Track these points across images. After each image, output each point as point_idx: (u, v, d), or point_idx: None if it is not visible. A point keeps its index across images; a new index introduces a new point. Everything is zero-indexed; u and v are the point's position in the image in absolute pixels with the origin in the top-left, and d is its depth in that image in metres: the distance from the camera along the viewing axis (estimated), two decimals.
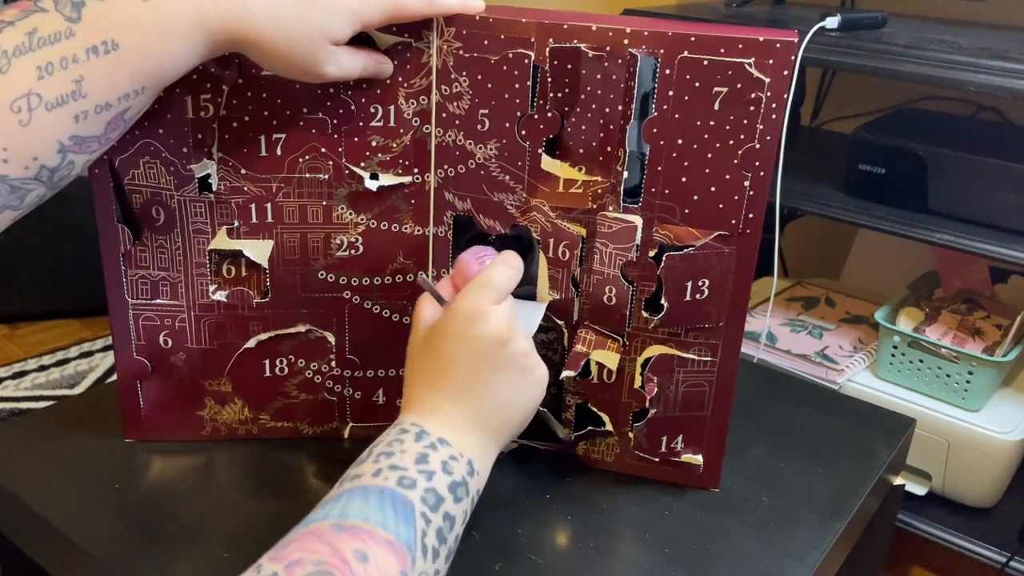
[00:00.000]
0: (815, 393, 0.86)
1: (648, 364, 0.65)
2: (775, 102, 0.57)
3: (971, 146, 1.06)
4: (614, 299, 0.64)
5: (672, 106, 0.59)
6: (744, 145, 0.59)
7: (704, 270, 0.62)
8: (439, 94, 0.63)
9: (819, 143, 1.42)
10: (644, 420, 0.67)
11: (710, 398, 0.66)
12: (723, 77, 0.57)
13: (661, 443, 0.68)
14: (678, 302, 0.63)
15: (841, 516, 0.67)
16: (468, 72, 0.61)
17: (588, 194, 0.62)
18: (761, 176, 0.59)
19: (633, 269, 0.63)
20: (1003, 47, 1.03)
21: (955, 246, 1.02)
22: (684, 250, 0.61)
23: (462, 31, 0.60)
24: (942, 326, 1.15)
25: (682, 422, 0.67)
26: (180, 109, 0.61)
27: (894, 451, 0.77)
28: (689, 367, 0.65)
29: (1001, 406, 1.12)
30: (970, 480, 1.11)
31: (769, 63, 0.56)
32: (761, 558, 0.63)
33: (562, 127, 0.61)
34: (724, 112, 0.58)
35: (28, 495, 0.66)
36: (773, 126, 0.58)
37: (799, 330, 1.28)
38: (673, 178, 0.60)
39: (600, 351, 0.66)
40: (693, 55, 0.57)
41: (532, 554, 0.62)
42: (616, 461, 0.70)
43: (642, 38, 0.58)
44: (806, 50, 1.05)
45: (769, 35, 0.56)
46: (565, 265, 0.64)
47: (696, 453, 0.68)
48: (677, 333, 0.64)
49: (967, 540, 1.10)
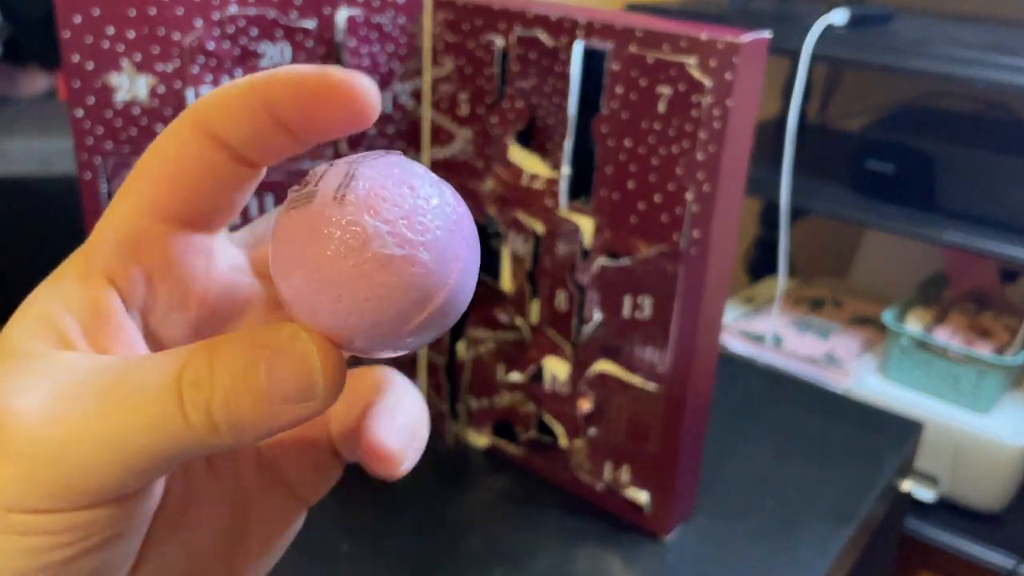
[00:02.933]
0: (821, 396, 0.85)
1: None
2: (717, 109, 0.51)
3: (980, 144, 1.05)
4: (564, 304, 0.61)
5: (620, 104, 0.54)
6: (687, 155, 0.53)
7: (644, 287, 0.57)
8: (431, 76, 0.63)
9: (826, 141, 1.41)
10: (584, 436, 0.63)
11: (656, 431, 0.60)
12: (666, 77, 0.52)
13: (604, 469, 0.63)
14: (614, 317, 0.59)
15: (848, 522, 0.66)
16: (452, 56, 0.62)
17: (548, 191, 0.60)
18: (705, 192, 0.53)
19: (583, 275, 0.59)
20: (1012, 43, 1.02)
21: (964, 246, 1.01)
22: (619, 260, 0.57)
23: (449, 16, 0.61)
24: (951, 327, 1.14)
25: (627, 452, 0.62)
26: (180, 104, 0.60)
27: (902, 456, 0.76)
28: (632, 393, 0.60)
29: (1010, 409, 1.10)
30: (978, 485, 1.10)
31: (711, 64, 0.50)
32: (766, 565, 0.61)
33: (533, 120, 0.59)
34: (668, 116, 0.53)
35: None
36: (717, 136, 0.51)
37: (805, 331, 1.27)
38: (621, 182, 0.56)
39: (551, 357, 0.63)
40: (639, 51, 0.53)
41: (533, 559, 0.61)
42: (570, 479, 0.65)
43: (593, 30, 0.54)
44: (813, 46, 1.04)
45: (717, 33, 0.50)
46: (520, 261, 0.62)
47: (641, 489, 0.62)
48: (620, 352, 0.59)
49: (975, 545, 1.09)
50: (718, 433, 0.76)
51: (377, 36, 0.61)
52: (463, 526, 0.63)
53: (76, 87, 0.59)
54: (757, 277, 1.51)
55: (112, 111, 0.60)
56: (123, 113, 0.60)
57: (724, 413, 0.79)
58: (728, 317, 1.29)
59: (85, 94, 0.59)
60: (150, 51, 0.59)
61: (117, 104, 0.60)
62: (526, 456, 0.68)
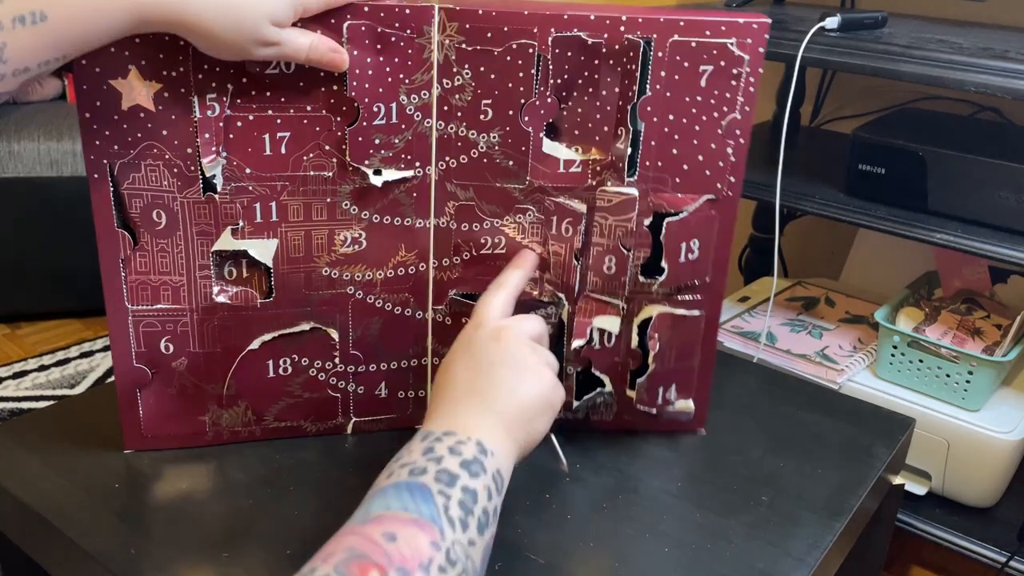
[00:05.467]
0: (815, 393, 0.87)
1: (647, 324, 0.71)
2: (752, 76, 0.65)
3: (971, 146, 1.06)
4: (614, 267, 0.69)
5: (664, 85, 0.65)
6: (727, 116, 0.66)
7: (695, 232, 0.68)
8: (440, 88, 0.65)
9: (819, 143, 1.42)
10: (645, 375, 0.72)
11: (698, 348, 0.72)
12: (708, 56, 0.64)
13: (658, 395, 0.73)
14: (675, 263, 0.69)
15: (841, 516, 0.68)
16: (471, 65, 0.64)
17: (587, 172, 0.67)
18: (741, 143, 0.67)
19: (631, 238, 0.68)
20: (1003, 47, 1.03)
21: (955, 246, 1.02)
22: (678, 216, 0.67)
23: (465, 25, 0.63)
24: (942, 326, 1.15)
25: (675, 373, 0.73)
26: (185, 110, 0.61)
27: (894, 451, 0.77)
28: (680, 324, 0.71)
29: (1001, 406, 1.12)
30: (970, 480, 1.11)
31: (748, 42, 0.64)
32: (761, 558, 0.63)
33: (560, 111, 0.66)
34: (710, 87, 0.65)
35: (28, 495, 0.66)
36: (750, 98, 0.65)
37: (799, 330, 1.28)
38: (665, 151, 0.66)
39: (601, 317, 0.71)
40: (683, 38, 0.63)
41: (532, 554, 0.62)
42: (615, 419, 0.75)
43: (636, 24, 0.63)
44: (806, 50, 1.06)
45: (746, 17, 0.64)
46: (568, 241, 0.69)
47: (687, 399, 0.74)
48: (671, 293, 0.70)
49: (967, 540, 1.10)
50: (714, 428, 0.78)
51: (382, 47, 0.62)
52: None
53: (84, 90, 0.60)
54: (752, 277, 1.52)
55: (118, 114, 0.61)
56: (129, 117, 0.61)
57: (720, 410, 0.80)
58: (723, 317, 1.30)
59: (93, 98, 0.60)
60: (156, 57, 0.60)
61: (123, 108, 0.61)
62: (570, 416, 0.75)
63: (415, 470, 0.50)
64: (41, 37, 0.50)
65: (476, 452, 0.52)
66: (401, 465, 0.51)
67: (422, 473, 0.49)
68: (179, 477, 0.68)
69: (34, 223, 1.79)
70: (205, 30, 0.55)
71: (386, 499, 0.48)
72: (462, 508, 0.48)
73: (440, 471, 0.50)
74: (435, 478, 0.49)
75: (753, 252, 1.54)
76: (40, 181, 1.76)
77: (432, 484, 0.49)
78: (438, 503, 0.48)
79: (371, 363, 0.72)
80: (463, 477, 0.50)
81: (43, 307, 1.91)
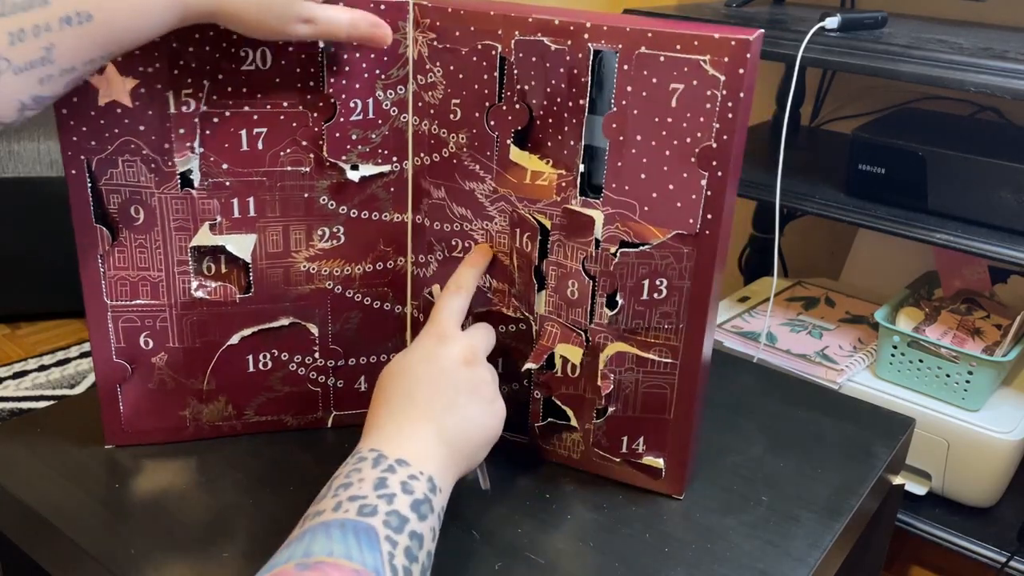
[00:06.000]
0: (815, 393, 0.86)
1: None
2: (731, 101, 0.56)
3: (971, 146, 1.06)
4: (576, 293, 0.65)
5: (631, 101, 0.58)
6: (700, 144, 0.58)
7: (661, 270, 0.62)
8: (415, 84, 0.64)
9: (819, 143, 1.42)
10: (603, 418, 0.67)
11: (672, 401, 0.65)
12: (679, 74, 0.57)
13: (622, 443, 0.68)
14: (635, 300, 0.63)
15: (841, 516, 0.68)
16: (442, 62, 0.63)
17: (553, 187, 0.63)
18: (719, 177, 0.58)
19: (594, 264, 0.63)
20: (1003, 47, 1.03)
21: (955, 246, 1.02)
22: (639, 247, 0.61)
23: (436, 22, 0.62)
24: (942, 326, 1.15)
25: (643, 423, 0.67)
26: (161, 105, 0.61)
27: (894, 451, 0.77)
28: (649, 367, 0.65)
29: (1001, 406, 1.12)
30: (970, 480, 1.11)
31: (724, 61, 0.55)
32: (761, 558, 0.63)
33: (531, 120, 0.62)
34: (681, 109, 0.57)
35: (28, 495, 0.66)
36: (730, 125, 0.57)
37: (799, 330, 1.28)
38: (632, 174, 0.60)
39: (564, 345, 0.66)
40: (650, 51, 0.57)
41: (532, 554, 0.62)
42: (581, 458, 0.70)
43: (601, 32, 0.58)
44: (806, 50, 1.06)
45: (726, 33, 0.55)
46: (527, 256, 0.65)
47: (658, 456, 0.67)
48: (636, 332, 0.64)
49: (967, 540, 1.10)
50: (714, 429, 0.78)
51: (358, 42, 0.62)
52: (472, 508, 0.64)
53: None
54: (752, 277, 1.52)
55: (95, 110, 0.61)
56: (106, 112, 0.61)
57: (720, 409, 0.80)
58: (723, 316, 1.30)
59: (70, 93, 0.60)
60: (132, 53, 0.60)
61: (100, 104, 0.61)
62: (537, 443, 0.71)
63: (364, 508, 0.48)
64: (87, 37, 0.50)
65: (427, 490, 0.51)
66: (350, 498, 0.49)
67: (371, 515, 0.48)
68: (179, 477, 0.68)
69: (34, 223, 1.79)
70: (241, 16, 0.55)
71: (330, 541, 0.46)
72: (407, 556, 0.47)
73: (390, 513, 0.48)
74: (384, 522, 0.48)
75: (753, 252, 1.54)
76: (40, 181, 1.76)
77: (380, 529, 0.47)
78: (383, 551, 0.46)
79: (350, 357, 0.72)
80: (412, 521, 0.49)
81: (43, 307, 1.91)
